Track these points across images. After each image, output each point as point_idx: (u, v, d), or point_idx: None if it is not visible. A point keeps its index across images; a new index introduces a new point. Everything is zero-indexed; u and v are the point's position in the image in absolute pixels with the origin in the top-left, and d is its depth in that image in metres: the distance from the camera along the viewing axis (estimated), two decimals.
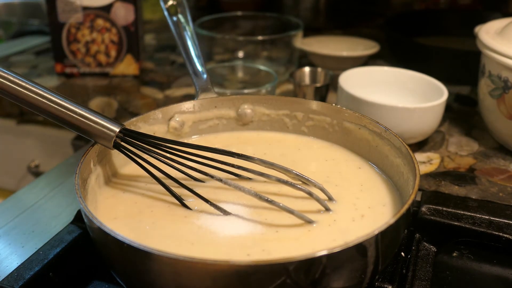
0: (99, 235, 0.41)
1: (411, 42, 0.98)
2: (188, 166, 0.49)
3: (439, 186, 0.64)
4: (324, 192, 0.49)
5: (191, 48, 0.63)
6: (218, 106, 0.61)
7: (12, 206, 0.63)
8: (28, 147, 0.97)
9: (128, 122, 0.55)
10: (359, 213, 0.48)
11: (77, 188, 0.44)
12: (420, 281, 0.48)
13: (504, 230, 0.52)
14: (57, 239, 0.49)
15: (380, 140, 0.55)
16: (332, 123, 0.59)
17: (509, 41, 0.66)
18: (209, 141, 0.61)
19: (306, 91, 0.78)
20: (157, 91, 0.92)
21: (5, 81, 0.46)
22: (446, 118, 0.80)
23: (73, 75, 0.97)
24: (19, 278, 0.44)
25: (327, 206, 0.47)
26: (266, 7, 1.26)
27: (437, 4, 1.24)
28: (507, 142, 0.71)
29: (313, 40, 1.03)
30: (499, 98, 0.68)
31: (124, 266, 0.42)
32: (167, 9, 0.66)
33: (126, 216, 0.48)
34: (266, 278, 0.36)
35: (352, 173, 0.55)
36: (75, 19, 0.92)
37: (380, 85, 0.78)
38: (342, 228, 0.45)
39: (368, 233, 0.38)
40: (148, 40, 1.20)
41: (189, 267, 0.37)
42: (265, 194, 0.47)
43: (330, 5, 1.30)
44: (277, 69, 0.93)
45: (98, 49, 0.95)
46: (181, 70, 1.01)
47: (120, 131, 0.49)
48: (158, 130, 0.58)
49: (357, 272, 0.40)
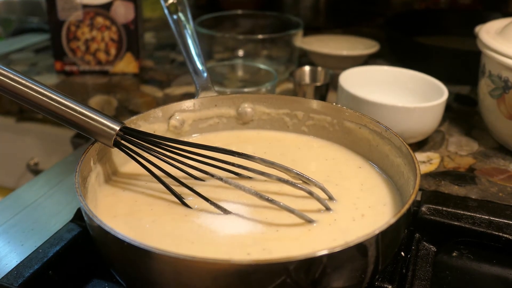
0: (99, 234, 0.41)
1: (411, 42, 0.98)
2: (188, 165, 0.49)
3: (439, 186, 0.64)
4: (324, 191, 0.48)
5: (192, 46, 0.63)
6: (218, 105, 0.61)
7: (12, 204, 0.63)
8: (28, 145, 0.97)
9: (128, 120, 0.54)
10: (359, 212, 0.48)
11: (77, 186, 0.44)
12: (420, 281, 0.48)
13: (504, 230, 0.52)
14: (56, 237, 0.49)
15: (380, 140, 0.55)
16: (333, 122, 0.59)
17: (509, 41, 0.66)
18: (209, 140, 0.61)
19: (306, 90, 0.78)
20: (157, 89, 0.92)
21: (5, 78, 0.46)
22: (446, 118, 0.80)
23: (73, 73, 0.96)
24: (19, 276, 0.44)
25: (327, 206, 0.47)
26: (266, 5, 1.26)
27: (437, 3, 1.24)
28: (507, 142, 0.71)
29: (313, 39, 1.03)
30: (499, 98, 0.68)
31: (124, 264, 0.42)
32: (167, 7, 0.66)
33: (126, 215, 0.48)
34: (266, 277, 0.36)
35: (352, 172, 0.55)
36: (75, 17, 0.92)
37: (380, 85, 0.78)
38: (342, 228, 0.45)
39: (368, 232, 0.38)
40: (148, 38, 1.20)
41: (190, 266, 0.37)
42: (265, 193, 0.46)
43: (330, 4, 1.29)
44: (277, 68, 0.93)
45: (98, 47, 0.94)
46: (181, 68, 1.01)
47: (121, 129, 0.49)
48: (158, 129, 0.58)
49: (357, 272, 0.40)
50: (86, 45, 0.94)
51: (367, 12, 1.31)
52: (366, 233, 0.38)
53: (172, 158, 0.49)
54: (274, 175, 0.47)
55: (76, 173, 0.46)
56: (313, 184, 0.48)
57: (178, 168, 0.49)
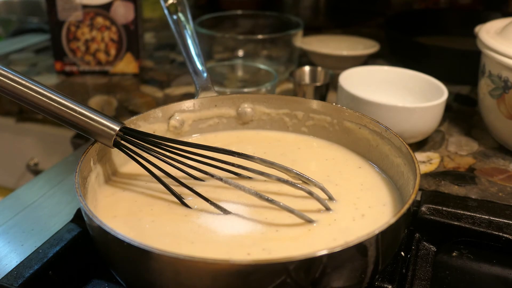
0: (99, 234, 0.41)
1: (411, 42, 0.98)
2: (188, 165, 0.49)
3: (439, 185, 0.64)
4: (324, 191, 0.48)
5: (191, 46, 0.63)
6: (218, 105, 0.61)
7: (12, 204, 0.63)
8: (27, 145, 0.96)
9: (128, 120, 0.54)
10: (359, 212, 0.48)
11: (77, 187, 0.44)
12: (420, 281, 0.48)
13: (504, 230, 0.52)
14: (56, 237, 0.49)
15: (380, 140, 0.55)
16: (332, 123, 0.59)
17: (509, 41, 0.66)
18: (209, 140, 0.61)
19: (306, 90, 0.78)
20: (156, 89, 0.92)
21: (4, 79, 0.46)
22: (446, 117, 0.80)
23: (73, 73, 0.96)
24: (19, 277, 0.44)
25: (327, 206, 0.47)
26: (266, 6, 1.26)
27: (437, 3, 1.24)
28: (507, 142, 0.71)
29: (313, 39, 1.03)
30: (499, 98, 0.68)
31: (124, 264, 0.42)
32: (167, 7, 0.66)
33: (126, 215, 0.48)
34: (266, 277, 0.36)
35: (352, 172, 0.55)
36: (74, 17, 0.92)
37: (380, 85, 0.78)
38: (342, 228, 0.45)
39: (368, 232, 0.38)
40: (148, 38, 1.20)
41: (189, 266, 0.37)
42: (265, 193, 0.47)
43: (330, 4, 1.30)
44: (277, 68, 0.93)
45: (98, 47, 0.94)
46: (181, 68, 1.01)
47: (120, 130, 0.49)
48: (158, 129, 0.58)
49: (357, 272, 0.40)
50: (86, 45, 0.94)
51: (367, 12, 1.31)
52: (366, 233, 0.38)
53: (171, 158, 0.49)
54: (274, 175, 0.47)
55: (76, 173, 0.46)
56: (312, 184, 0.48)
57: (178, 168, 0.49)
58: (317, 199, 0.46)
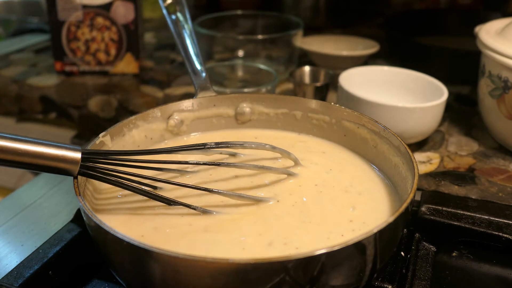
0: (99, 234, 0.41)
1: (411, 42, 0.98)
2: (155, 179, 0.48)
3: (439, 186, 0.64)
4: (290, 157, 0.53)
5: (190, 46, 0.63)
6: (217, 105, 0.61)
7: (12, 204, 0.63)
8: None
9: (127, 120, 0.55)
10: (357, 212, 0.48)
11: (76, 187, 0.44)
12: (420, 281, 0.48)
13: (504, 230, 0.52)
14: (56, 237, 0.49)
15: (378, 139, 0.55)
16: (331, 122, 0.59)
17: (509, 41, 0.66)
18: (207, 139, 0.60)
19: (306, 90, 0.78)
20: (156, 89, 0.92)
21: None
22: (446, 118, 0.80)
23: (73, 73, 0.97)
24: (19, 277, 0.44)
25: (291, 172, 0.52)
26: (266, 6, 1.26)
27: (437, 3, 1.24)
28: (507, 142, 0.71)
29: (313, 39, 1.03)
30: (499, 98, 0.68)
31: (124, 264, 0.42)
32: (166, 7, 0.66)
33: (126, 215, 0.48)
34: (265, 276, 0.36)
35: (350, 172, 0.55)
36: (75, 17, 0.92)
37: (380, 85, 0.78)
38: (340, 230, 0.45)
39: (366, 231, 0.38)
40: (148, 38, 1.20)
41: (189, 265, 0.37)
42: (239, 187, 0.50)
43: (330, 4, 1.29)
44: (277, 68, 0.93)
45: (98, 47, 0.94)
46: (181, 68, 1.01)
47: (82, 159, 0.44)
48: (157, 128, 0.58)
49: (355, 270, 0.40)
50: (86, 45, 0.94)
51: (367, 12, 1.31)
52: (364, 232, 0.38)
53: (139, 175, 0.46)
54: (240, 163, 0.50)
55: None
56: (279, 151, 0.52)
57: (147, 185, 0.49)
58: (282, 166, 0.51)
